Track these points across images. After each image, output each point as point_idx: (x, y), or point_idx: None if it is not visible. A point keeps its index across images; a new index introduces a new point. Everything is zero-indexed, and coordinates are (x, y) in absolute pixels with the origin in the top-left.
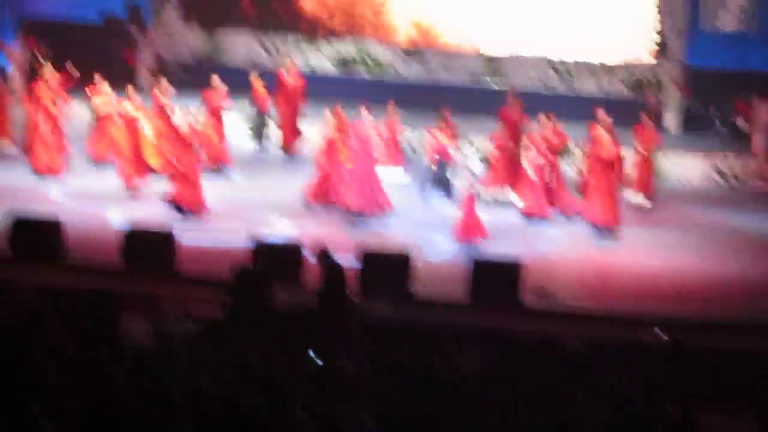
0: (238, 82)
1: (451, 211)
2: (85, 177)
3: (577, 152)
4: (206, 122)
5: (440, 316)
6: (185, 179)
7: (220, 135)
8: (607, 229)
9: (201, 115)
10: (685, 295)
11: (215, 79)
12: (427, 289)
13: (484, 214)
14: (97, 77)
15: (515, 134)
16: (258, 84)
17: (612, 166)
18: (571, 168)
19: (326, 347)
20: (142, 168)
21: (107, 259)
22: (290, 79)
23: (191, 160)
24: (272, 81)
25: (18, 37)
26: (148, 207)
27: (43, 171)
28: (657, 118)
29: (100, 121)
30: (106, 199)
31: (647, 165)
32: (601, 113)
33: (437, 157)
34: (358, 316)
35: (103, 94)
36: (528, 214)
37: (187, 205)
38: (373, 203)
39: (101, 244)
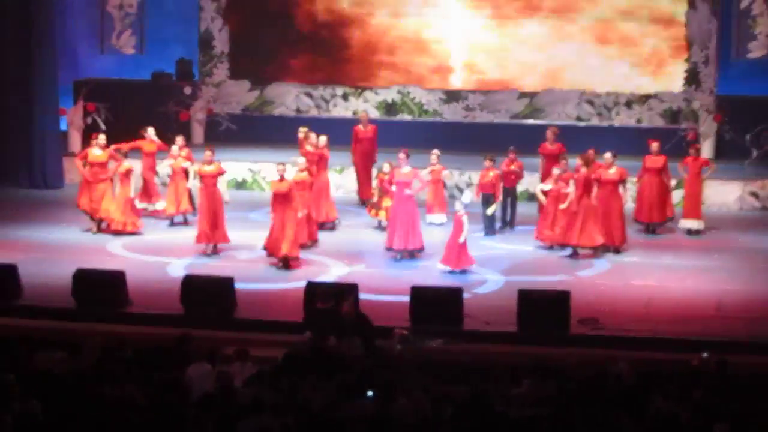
0: (285, 133)
1: (493, 246)
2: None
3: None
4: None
5: (491, 348)
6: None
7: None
8: (615, 248)
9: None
10: (730, 316)
11: (149, 131)
12: (477, 322)
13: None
14: (150, 131)
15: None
16: (305, 138)
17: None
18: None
19: (382, 386)
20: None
21: (168, 306)
22: (362, 129)
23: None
24: (320, 129)
25: (74, 98)
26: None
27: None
28: (696, 148)
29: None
30: (166, 251)
31: (699, 191)
32: (654, 146)
33: (481, 194)
34: (411, 352)
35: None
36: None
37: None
38: (411, 243)
39: (162, 293)
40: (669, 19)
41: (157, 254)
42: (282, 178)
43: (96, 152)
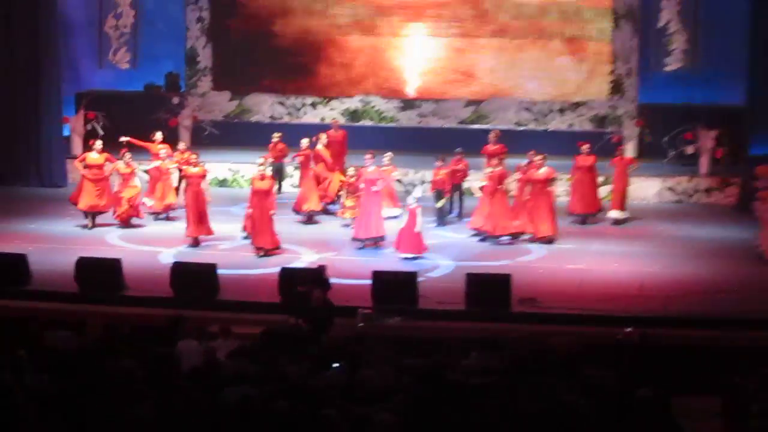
0: (261, 137)
1: (444, 235)
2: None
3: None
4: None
5: (443, 324)
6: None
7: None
8: (549, 239)
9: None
10: (650, 295)
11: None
12: (431, 302)
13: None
14: (158, 136)
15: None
16: (278, 140)
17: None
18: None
19: (349, 358)
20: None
21: (160, 290)
22: (333, 133)
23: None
24: (292, 134)
25: (76, 108)
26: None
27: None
28: (622, 149)
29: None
30: (158, 241)
31: (624, 187)
32: (584, 147)
33: (435, 190)
34: (374, 329)
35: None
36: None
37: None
38: (375, 234)
39: (154, 278)
40: (598, 38)
41: (149, 244)
42: (263, 176)
43: (93, 156)
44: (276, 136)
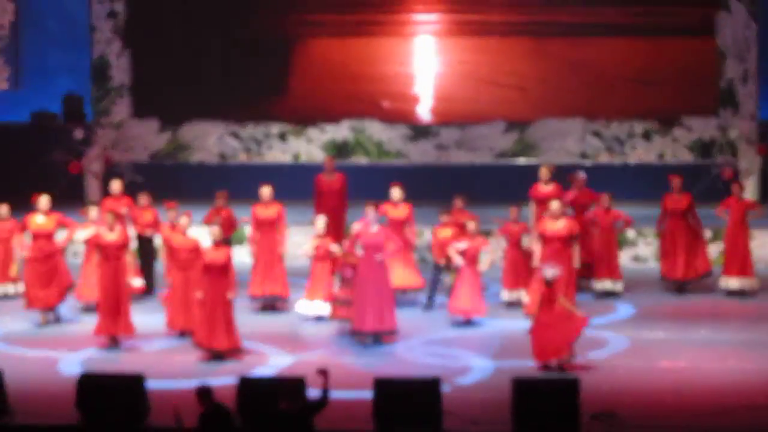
0: (207, 185)
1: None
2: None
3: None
4: None
5: None
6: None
7: None
8: None
9: None
10: None
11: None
12: (461, 421)
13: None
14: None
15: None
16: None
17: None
18: None
19: None
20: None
21: (61, 414)
22: (326, 178)
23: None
24: (252, 179)
25: None
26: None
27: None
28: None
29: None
30: (56, 343)
31: (744, 243)
32: (676, 182)
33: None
34: None
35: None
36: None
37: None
38: (380, 326)
39: (52, 396)
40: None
41: (44, 347)
42: (218, 245)
43: (39, 219)
44: (219, 199)
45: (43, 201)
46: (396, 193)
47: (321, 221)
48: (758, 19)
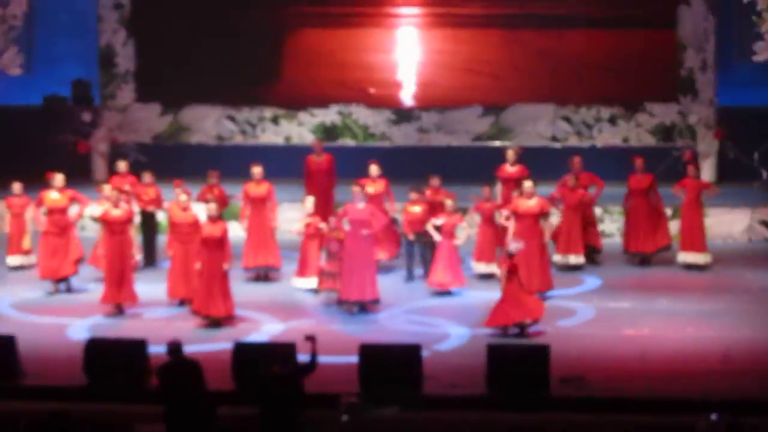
0: (205, 165)
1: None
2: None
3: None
4: None
5: (457, 415)
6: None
7: None
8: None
9: None
10: (740, 370)
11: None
12: (440, 384)
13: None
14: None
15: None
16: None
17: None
18: None
19: None
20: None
21: (69, 377)
22: (315, 158)
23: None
24: (246, 159)
25: None
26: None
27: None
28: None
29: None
30: (65, 310)
31: (699, 220)
32: (639, 163)
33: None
34: (361, 423)
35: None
36: None
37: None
38: (367, 294)
39: (61, 360)
40: (658, 19)
41: (53, 314)
42: (214, 220)
43: (53, 195)
44: (212, 178)
45: (58, 178)
46: (374, 169)
47: (310, 202)
48: (716, 12)
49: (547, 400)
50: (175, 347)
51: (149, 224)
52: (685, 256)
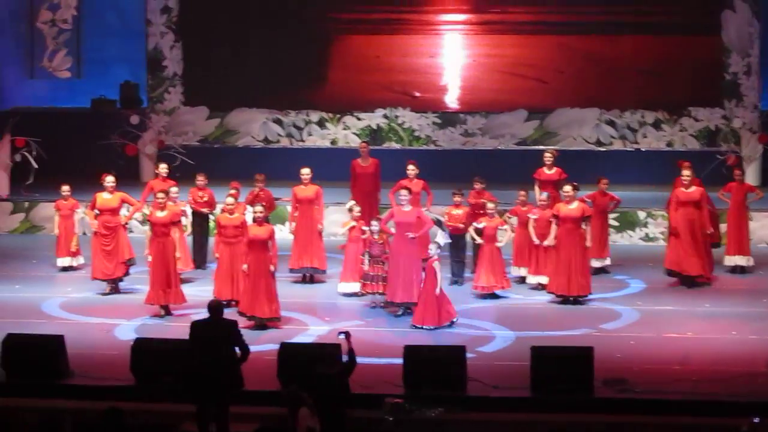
0: (252, 168)
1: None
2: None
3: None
4: None
5: (500, 416)
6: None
7: None
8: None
9: None
10: None
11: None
12: (483, 386)
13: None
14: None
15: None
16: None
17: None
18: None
19: None
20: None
21: (116, 376)
22: (361, 163)
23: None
24: (293, 161)
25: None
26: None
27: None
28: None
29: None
30: (112, 311)
31: (744, 224)
32: (686, 166)
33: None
34: (405, 424)
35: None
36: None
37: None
38: (414, 295)
39: (108, 360)
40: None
41: (101, 315)
42: (260, 222)
43: (105, 196)
44: (258, 181)
45: (109, 180)
46: (411, 169)
47: (356, 208)
48: (761, 17)
49: (591, 402)
50: (215, 305)
51: (202, 227)
52: (731, 259)
